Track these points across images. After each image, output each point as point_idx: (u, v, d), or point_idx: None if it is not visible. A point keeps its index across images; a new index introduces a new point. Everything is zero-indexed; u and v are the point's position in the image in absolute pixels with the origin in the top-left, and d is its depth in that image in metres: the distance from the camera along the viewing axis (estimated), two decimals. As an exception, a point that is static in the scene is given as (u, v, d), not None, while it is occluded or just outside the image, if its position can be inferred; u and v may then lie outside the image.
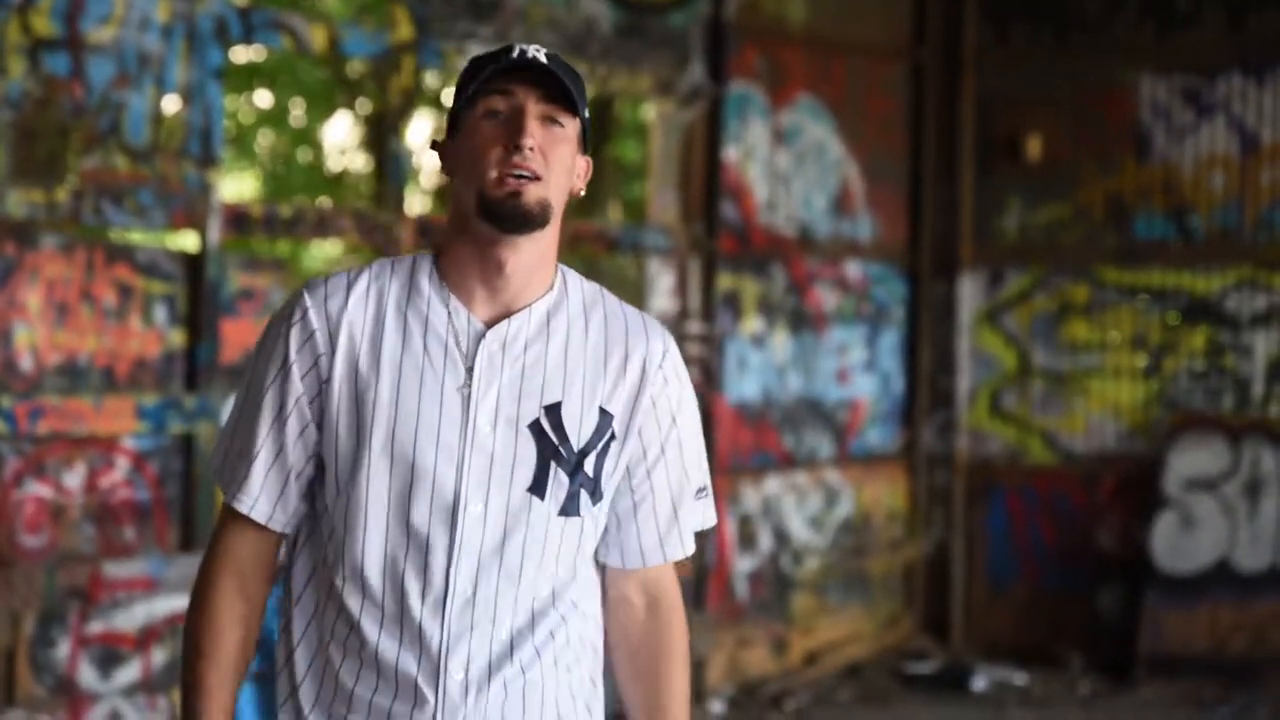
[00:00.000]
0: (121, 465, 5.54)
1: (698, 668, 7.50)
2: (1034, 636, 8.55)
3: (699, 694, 7.48)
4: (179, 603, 5.63)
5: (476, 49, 6.53)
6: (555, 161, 2.38)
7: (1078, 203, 8.66)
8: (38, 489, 5.33)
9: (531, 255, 2.42)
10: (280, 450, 2.44)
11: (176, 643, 5.63)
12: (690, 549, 2.63)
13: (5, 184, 5.18)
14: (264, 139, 14.29)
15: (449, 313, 2.43)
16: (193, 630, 2.43)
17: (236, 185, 14.24)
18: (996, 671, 8.16)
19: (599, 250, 7.48)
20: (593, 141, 2.62)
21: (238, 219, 5.83)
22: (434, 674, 2.39)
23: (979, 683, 8.04)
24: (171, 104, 5.65)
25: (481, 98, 2.38)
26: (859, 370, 8.60)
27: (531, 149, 2.34)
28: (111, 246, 5.71)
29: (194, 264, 5.73)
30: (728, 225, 7.70)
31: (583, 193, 2.51)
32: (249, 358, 2.53)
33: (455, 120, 2.43)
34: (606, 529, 2.55)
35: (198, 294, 5.71)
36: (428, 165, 13.16)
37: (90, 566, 5.40)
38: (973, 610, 8.80)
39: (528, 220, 2.35)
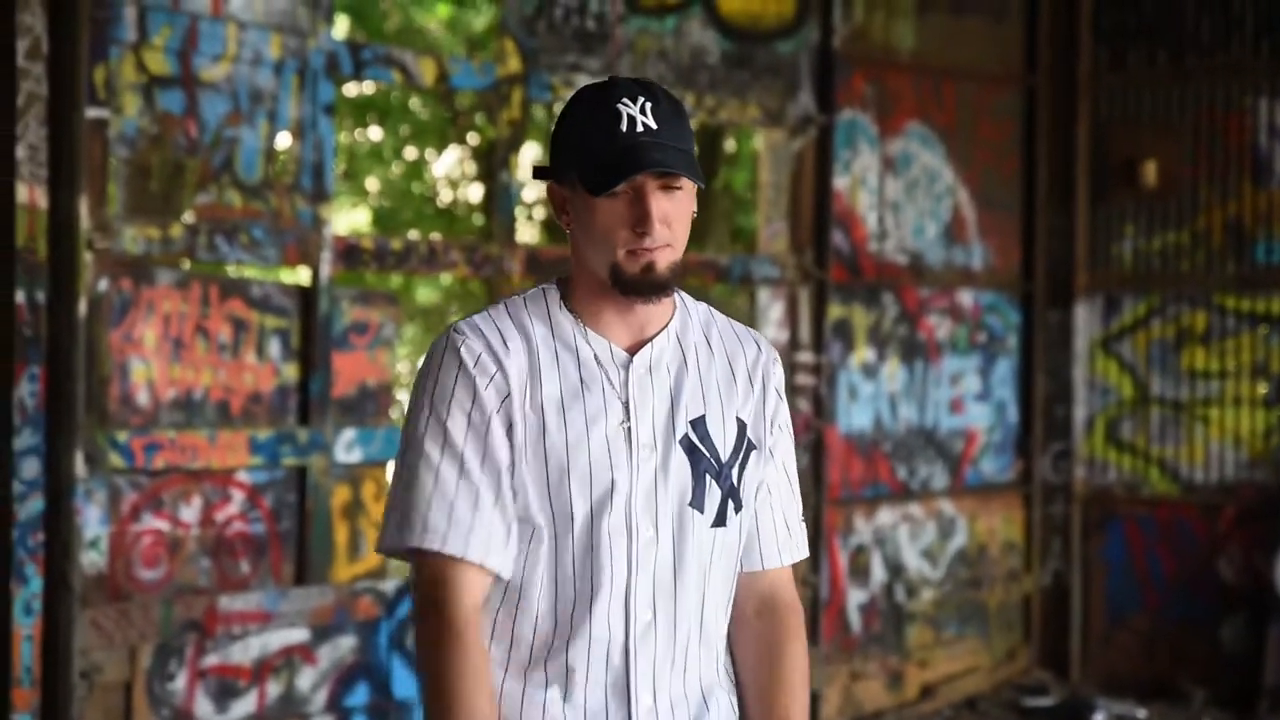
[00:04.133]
0: (237, 498, 5.58)
1: (813, 700, 7.43)
2: (1155, 670, 8.39)
3: (813, 728, 7.41)
4: (293, 635, 5.65)
5: (584, 81, 6.54)
6: (679, 225, 2.47)
7: (1195, 228, 8.52)
8: (154, 522, 5.38)
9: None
10: (498, 493, 2.45)
11: (291, 675, 5.65)
12: (805, 552, 2.70)
13: (121, 220, 5.25)
14: (375, 173, 14.41)
15: (590, 344, 2.52)
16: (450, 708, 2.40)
17: (348, 219, 14.37)
18: (1117, 705, 8.02)
19: (709, 280, 7.45)
20: (701, 167, 2.69)
21: (349, 253, 5.86)
22: (624, 703, 2.48)
23: (1099, 717, 7.89)
24: (284, 140, 5.70)
25: None
26: (972, 400, 8.50)
27: (660, 223, 2.44)
28: (226, 281, 5.76)
29: (307, 298, 5.77)
30: (838, 254, 7.65)
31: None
32: (413, 409, 2.52)
33: (558, 161, 2.51)
34: None
35: (310, 328, 5.75)
36: (538, 197, 13.20)
37: (206, 599, 5.44)
38: (1092, 643, 8.66)
39: (663, 288, 2.47)
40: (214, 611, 5.45)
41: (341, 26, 11.67)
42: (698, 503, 2.50)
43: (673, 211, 2.44)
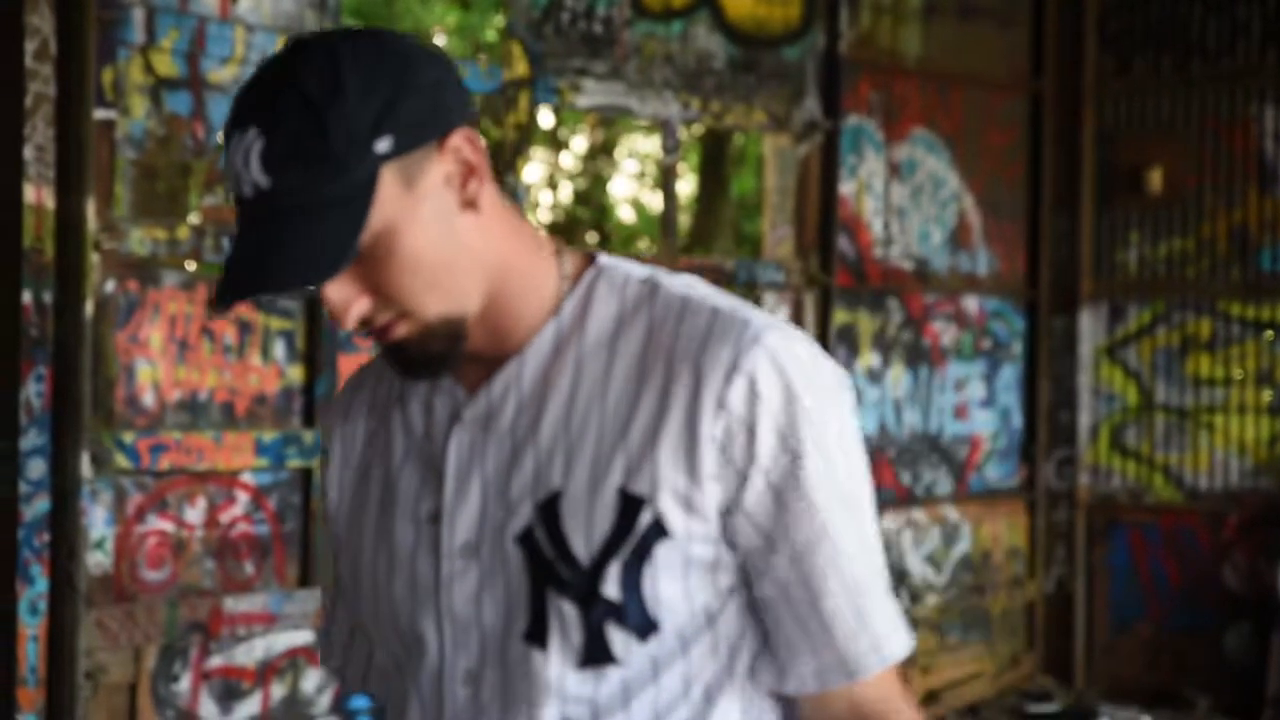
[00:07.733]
0: (241, 500, 5.59)
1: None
2: (1159, 677, 8.39)
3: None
4: (297, 637, 5.66)
5: (591, 85, 6.55)
6: (396, 278, 1.53)
7: (1200, 235, 8.52)
8: (160, 524, 5.38)
9: (479, 316, 1.61)
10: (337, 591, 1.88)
11: (295, 677, 5.65)
12: (892, 653, 1.75)
13: (128, 222, 5.26)
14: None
15: (433, 395, 1.68)
16: None
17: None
18: (1121, 712, 8.02)
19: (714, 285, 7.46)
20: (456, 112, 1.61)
21: (355, 255, 5.86)
22: None
23: (1102, 724, 7.91)
24: (291, 142, 5.70)
25: None
26: (977, 406, 8.50)
27: (360, 318, 1.57)
28: (232, 283, 5.77)
29: (312, 300, 5.78)
30: (843, 260, 7.65)
31: (474, 187, 1.57)
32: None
33: None
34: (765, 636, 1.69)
35: (315, 330, 5.76)
36: (543, 201, 13.21)
37: (211, 601, 5.44)
38: (1095, 650, 8.66)
39: (429, 362, 1.58)
40: (218, 613, 5.45)
41: (348, 30, 11.68)
42: (538, 635, 1.57)
43: (373, 273, 1.53)
